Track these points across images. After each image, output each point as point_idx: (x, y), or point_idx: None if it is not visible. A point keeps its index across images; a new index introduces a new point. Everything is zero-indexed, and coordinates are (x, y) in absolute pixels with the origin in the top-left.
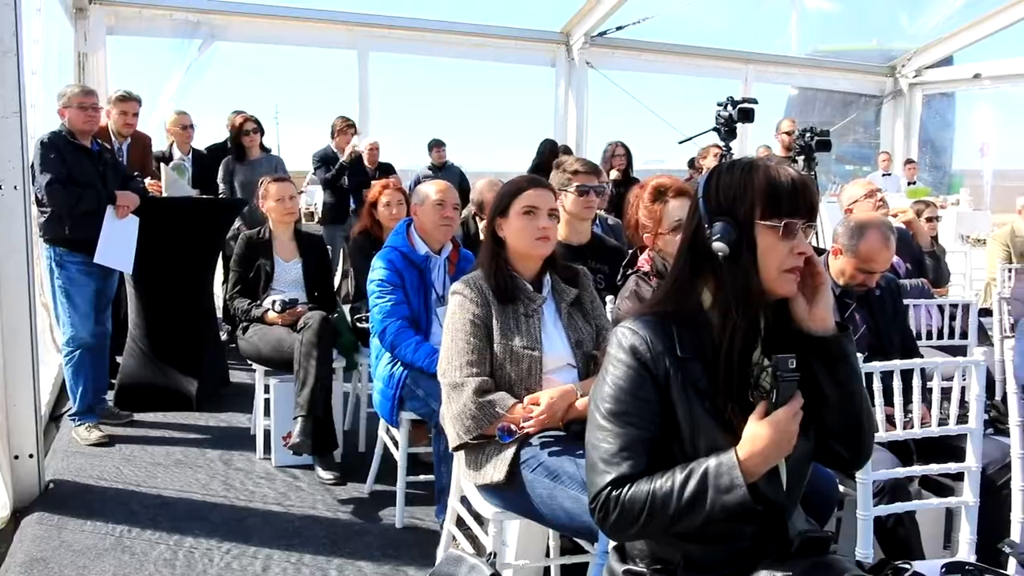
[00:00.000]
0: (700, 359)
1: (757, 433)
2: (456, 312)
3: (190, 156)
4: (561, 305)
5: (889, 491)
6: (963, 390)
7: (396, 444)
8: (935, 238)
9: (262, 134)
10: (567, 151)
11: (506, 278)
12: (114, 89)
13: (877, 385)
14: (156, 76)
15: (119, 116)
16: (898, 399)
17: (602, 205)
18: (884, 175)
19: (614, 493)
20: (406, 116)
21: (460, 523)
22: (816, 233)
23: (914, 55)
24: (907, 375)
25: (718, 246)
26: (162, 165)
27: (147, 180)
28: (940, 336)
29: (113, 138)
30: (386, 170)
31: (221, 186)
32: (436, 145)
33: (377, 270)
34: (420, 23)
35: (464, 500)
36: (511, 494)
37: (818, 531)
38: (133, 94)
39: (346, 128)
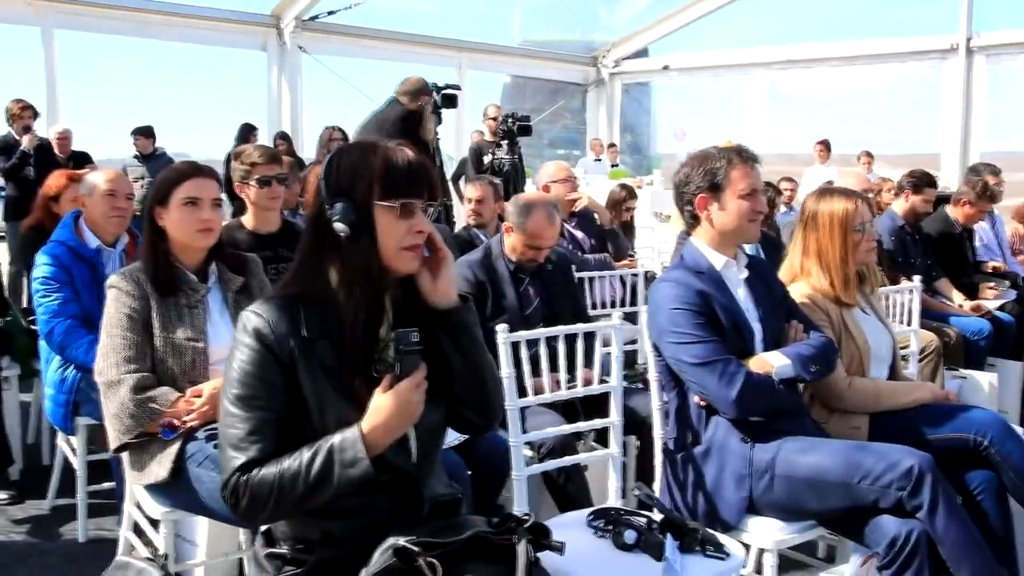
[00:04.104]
0: (327, 337)
1: (379, 406)
2: (112, 307)
3: None
4: (228, 294)
5: (559, 449)
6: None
7: (76, 452)
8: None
9: None
10: (284, 136)
11: (166, 269)
12: None
13: (525, 353)
14: None
15: None
16: (545, 364)
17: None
18: (596, 160)
19: (243, 478)
20: (106, 102)
21: (138, 528)
22: None
23: (612, 47)
24: (570, 340)
25: (338, 227)
26: None
27: None
28: (623, 304)
29: None
30: (82, 160)
31: None
32: (140, 133)
33: (40, 267)
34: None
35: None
36: (179, 491)
37: (447, 495)
38: None
39: (23, 112)
